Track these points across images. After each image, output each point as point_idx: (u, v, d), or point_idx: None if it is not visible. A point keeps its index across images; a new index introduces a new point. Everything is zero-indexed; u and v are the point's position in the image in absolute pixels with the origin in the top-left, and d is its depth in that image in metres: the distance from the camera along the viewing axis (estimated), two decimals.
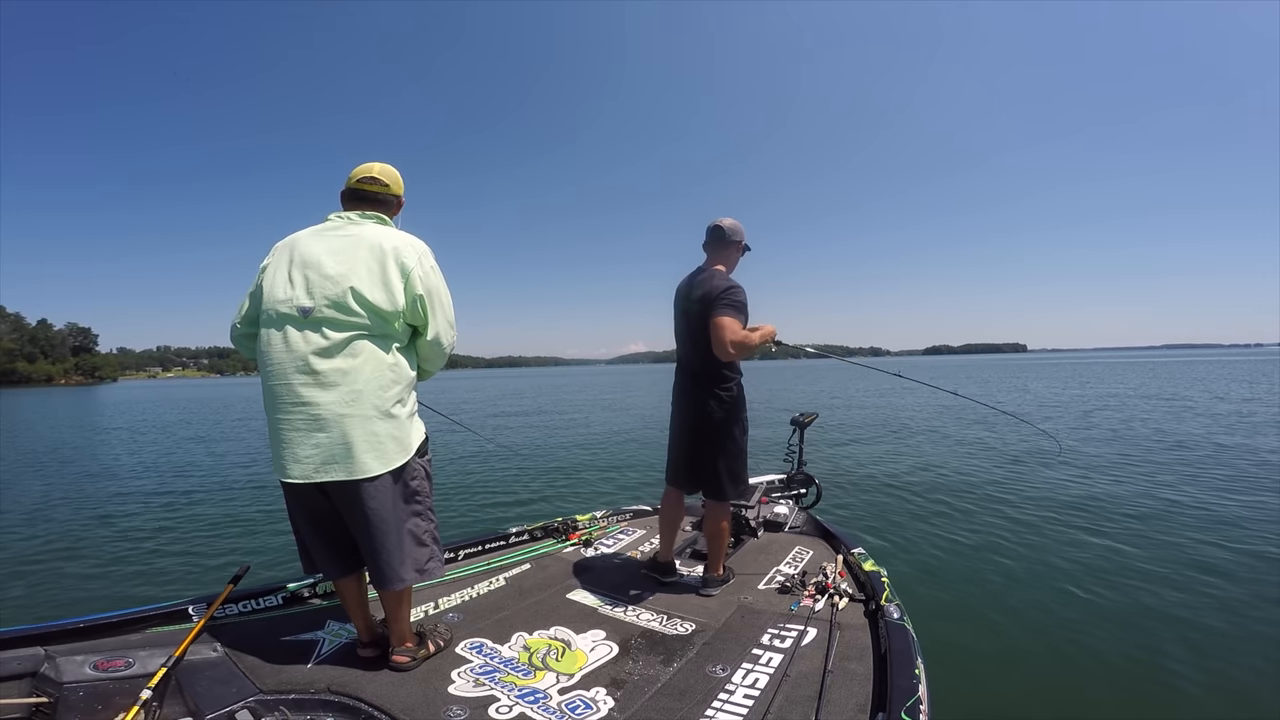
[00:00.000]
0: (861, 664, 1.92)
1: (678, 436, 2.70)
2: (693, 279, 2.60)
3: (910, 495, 6.54)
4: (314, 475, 1.73)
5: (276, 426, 1.75)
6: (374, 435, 1.75)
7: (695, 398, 2.59)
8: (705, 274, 2.57)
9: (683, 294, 2.62)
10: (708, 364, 2.54)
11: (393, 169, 1.99)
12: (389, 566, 1.84)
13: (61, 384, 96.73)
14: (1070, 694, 2.75)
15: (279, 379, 1.73)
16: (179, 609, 2.10)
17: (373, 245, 1.78)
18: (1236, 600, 3.61)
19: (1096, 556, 4.40)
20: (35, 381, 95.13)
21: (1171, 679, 2.83)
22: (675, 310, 2.70)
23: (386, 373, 1.79)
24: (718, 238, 2.61)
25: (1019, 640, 3.24)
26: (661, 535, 2.78)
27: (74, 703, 1.68)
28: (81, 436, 14.79)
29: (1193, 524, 5.17)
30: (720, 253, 2.63)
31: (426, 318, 1.87)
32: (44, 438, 14.87)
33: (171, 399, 35.99)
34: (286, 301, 1.74)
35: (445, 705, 1.73)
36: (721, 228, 2.60)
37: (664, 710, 1.72)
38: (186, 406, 27.39)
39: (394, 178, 1.97)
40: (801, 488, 3.96)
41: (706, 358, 2.54)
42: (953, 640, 3.18)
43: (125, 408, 27.96)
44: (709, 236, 2.64)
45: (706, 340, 2.50)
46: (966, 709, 2.59)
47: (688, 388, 2.63)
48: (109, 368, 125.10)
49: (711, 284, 2.49)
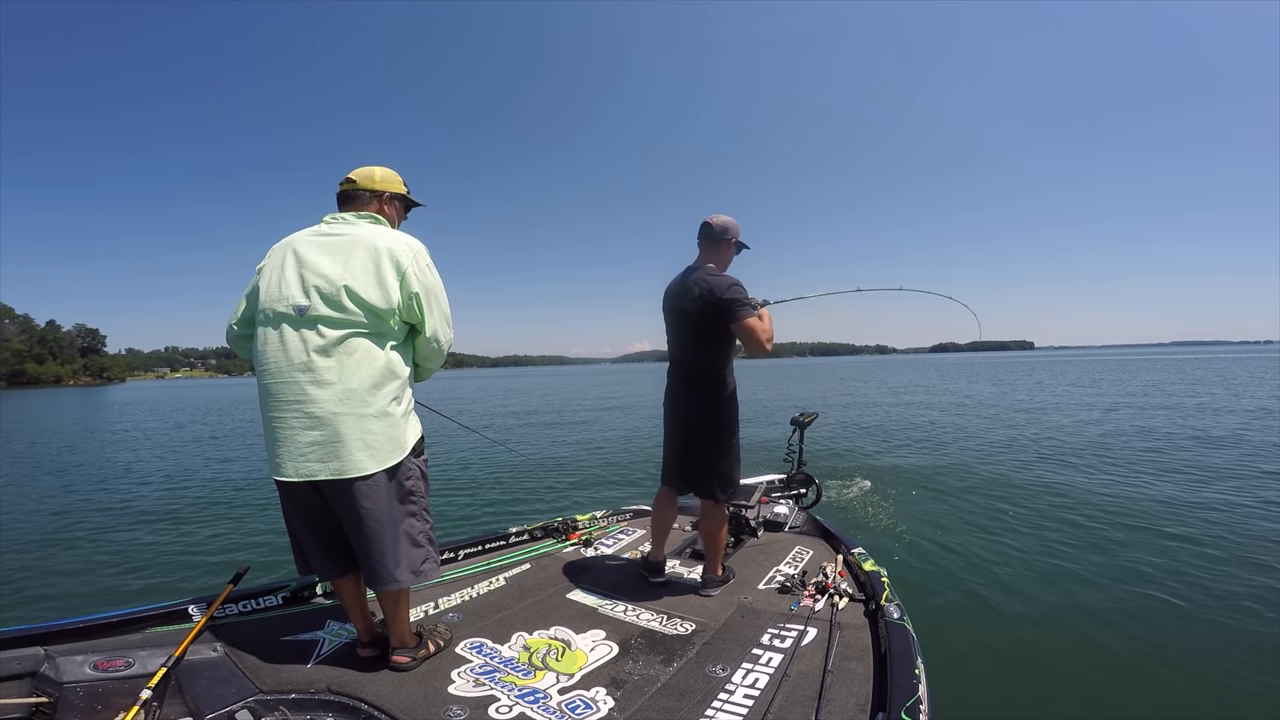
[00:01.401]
0: (861, 664, 1.92)
1: (672, 436, 2.70)
2: (686, 277, 2.58)
3: (911, 495, 6.53)
4: (308, 474, 1.73)
5: (271, 425, 1.76)
6: (368, 433, 1.76)
7: (689, 397, 2.58)
8: (700, 271, 2.54)
9: (676, 292, 2.59)
10: (701, 363, 2.54)
11: (376, 169, 2.00)
12: (383, 568, 1.83)
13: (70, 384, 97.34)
14: (1071, 694, 2.73)
15: (274, 377, 1.74)
16: (179, 609, 2.10)
17: (368, 244, 1.79)
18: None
19: (1097, 557, 4.38)
20: (44, 382, 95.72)
21: (1173, 680, 2.82)
22: (666, 309, 2.67)
23: (381, 371, 1.79)
24: (708, 234, 2.61)
25: (1020, 640, 3.22)
26: (654, 535, 2.78)
27: (74, 703, 1.68)
28: (83, 439, 14.82)
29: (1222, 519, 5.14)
30: (712, 250, 2.61)
31: (423, 316, 1.87)
32: (48, 438, 14.98)
33: (177, 399, 36.18)
34: (283, 300, 1.75)
35: (445, 705, 1.73)
36: (711, 225, 2.59)
37: (664, 710, 1.72)
38: (190, 407, 27.52)
39: (366, 174, 1.97)
40: (801, 488, 3.95)
41: (700, 357, 2.53)
42: (953, 640, 3.17)
43: (129, 408, 28.08)
44: (700, 233, 2.64)
45: (701, 339, 2.50)
46: (966, 709, 2.58)
47: (681, 387, 2.62)
48: (117, 368, 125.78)
49: (711, 282, 2.46)
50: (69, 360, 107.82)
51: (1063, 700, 2.70)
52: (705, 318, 2.46)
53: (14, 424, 19.92)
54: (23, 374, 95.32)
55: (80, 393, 58.35)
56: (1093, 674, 2.89)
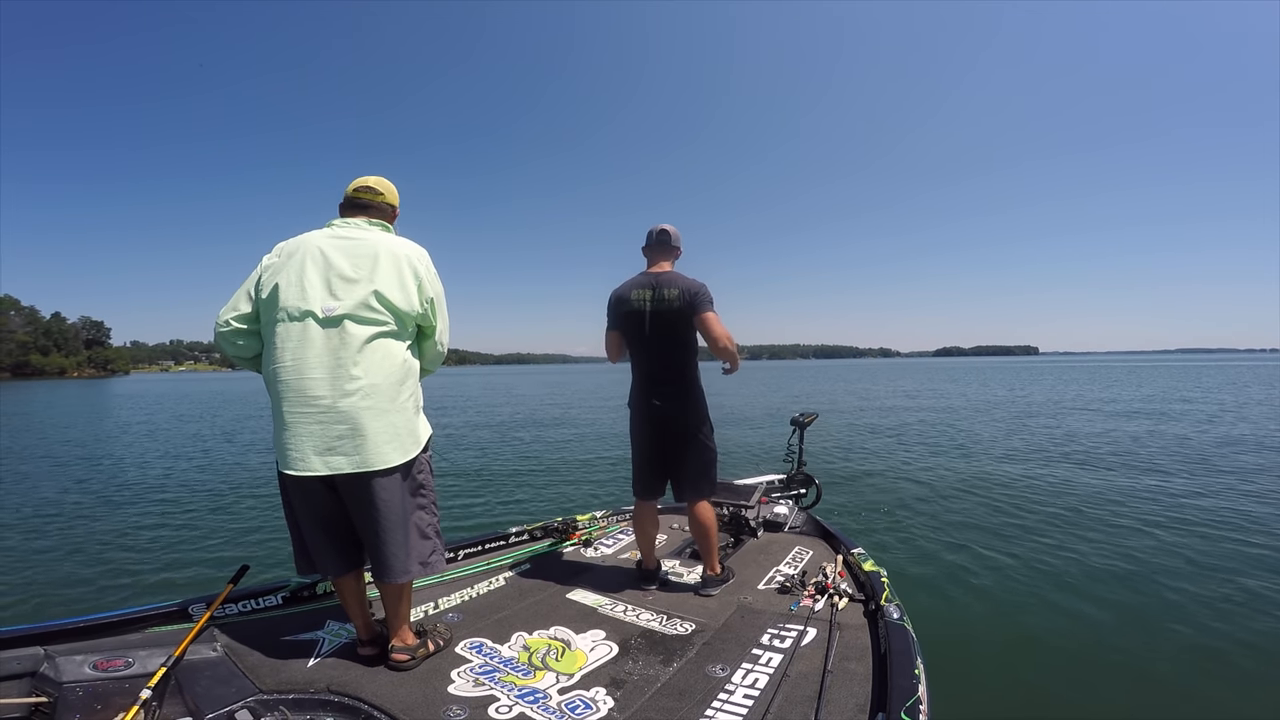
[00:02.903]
0: (861, 664, 1.92)
1: (645, 442, 2.69)
2: (655, 279, 2.59)
3: (911, 495, 6.52)
4: (333, 467, 1.78)
5: (291, 421, 1.79)
6: (392, 427, 1.85)
7: (666, 400, 2.59)
8: (670, 274, 2.60)
9: (643, 295, 2.58)
10: (677, 362, 2.59)
11: (388, 181, 2.10)
12: (394, 559, 1.89)
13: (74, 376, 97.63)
14: (1072, 694, 2.73)
15: (297, 374, 1.79)
16: (179, 609, 2.11)
17: (389, 251, 1.90)
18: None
19: (1098, 556, 4.37)
20: (48, 374, 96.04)
21: (1177, 679, 2.81)
22: (622, 313, 2.65)
23: (402, 369, 1.90)
24: (665, 242, 2.67)
25: (1020, 640, 3.22)
26: (641, 547, 2.77)
27: (73, 702, 1.69)
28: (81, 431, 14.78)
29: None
30: (667, 256, 2.68)
31: (435, 320, 2.00)
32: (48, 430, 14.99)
33: (178, 392, 36.25)
34: (309, 301, 1.81)
35: (445, 705, 1.73)
36: (669, 233, 2.66)
37: (664, 710, 1.72)
38: (191, 400, 27.58)
39: (388, 188, 2.09)
40: (801, 488, 3.95)
41: (676, 356, 2.58)
42: (953, 640, 3.17)
43: (129, 401, 28.11)
44: (656, 240, 2.68)
45: (677, 339, 2.55)
46: (966, 709, 2.58)
47: (653, 390, 2.61)
48: (121, 361, 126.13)
49: (687, 282, 2.54)
50: (73, 352, 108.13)
51: (1063, 700, 2.69)
52: (684, 316, 2.51)
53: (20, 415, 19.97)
54: (27, 365, 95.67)
55: (82, 384, 58.50)
56: (1093, 674, 2.88)
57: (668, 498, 2.76)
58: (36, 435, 13.91)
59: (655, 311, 2.56)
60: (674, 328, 2.55)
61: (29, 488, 7.76)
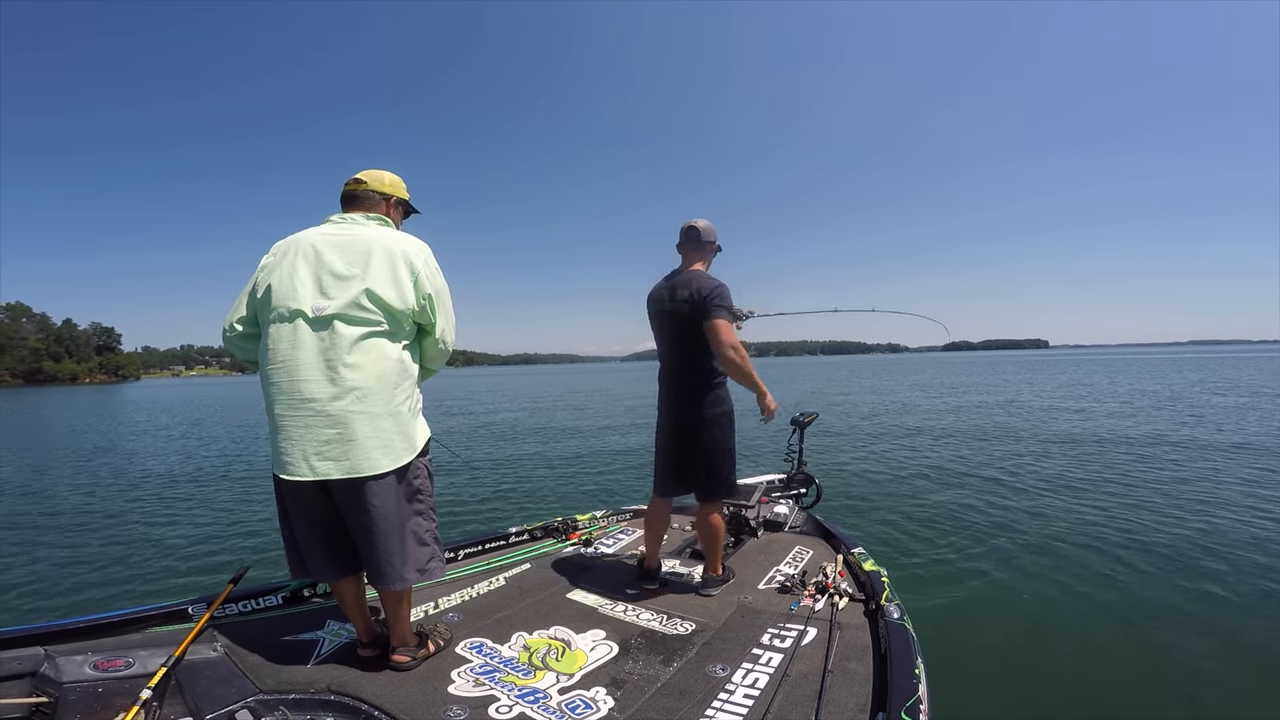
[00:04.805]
0: (861, 664, 1.91)
1: (666, 441, 2.68)
2: (673, 279, 2.59)
3: (911, 494, 6.48)
4: (323, 473, 1.73)
5: (283, 424, 1.75)
6: (383, 432, 1.78)
7: (681, 398, 2.58)
8: (687, 274, 2.56)
9: (664, 295, 2.59)
10: (692, 363, 2.55)
11: (384, 172, 2.03)
12: (390, 566, 1.84)
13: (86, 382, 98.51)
14: (1072, 694, 2.71)
15: (288, 376, 1.74)
16: (179, 609, 2.12)
17: (383, 246, 1.82)
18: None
19: (1097, 556, 4.33)
20: (60, 380, 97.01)
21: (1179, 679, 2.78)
22: (651, 312, 2.67)
23: (397, 370, 1.82)
24: (693, 238, 2.63)
25: (1020, 640, 3.20)
26: (647, 543, 2.76)
27: (74, 703, 1.70)
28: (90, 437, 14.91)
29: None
30: (697, 253, 2.64)
31: (434, 317, 1.91)
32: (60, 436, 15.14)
33: (189, 398, 36.53)
34: (299, 300, 1.76)
35: (445, 705, 1.73)
36: (697, 229, 2.61)
37: (664, 710, 1.72)
38: (201, 405, 27.76)
39: (376, 177, 2.00)
40: (801, 487, 3.93)
41: (690, 357, 2.54)
42: (953, 640, 3.15)
43: (139, 407, 28.29)
44: (684, 238, 2.65)
45: (691, 341, 2.50)
46: (966, 709, 2.56)
47: (673, 389, 2.62)
48: (132, 366, 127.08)
49: (700, 283, 2.48)
50: (85, 358, 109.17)
51: (1063, 700, 2.67)
52: (694, 318, 2.48)
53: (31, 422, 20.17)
54: (40, 371, 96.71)
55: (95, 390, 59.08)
56: (1094, 674, 2.86)
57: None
58: (46, 440, 14.06)
59: (671, 313, 2.55)
60: (687, 330, 2.51)
61: (32, 489, 7.84)
